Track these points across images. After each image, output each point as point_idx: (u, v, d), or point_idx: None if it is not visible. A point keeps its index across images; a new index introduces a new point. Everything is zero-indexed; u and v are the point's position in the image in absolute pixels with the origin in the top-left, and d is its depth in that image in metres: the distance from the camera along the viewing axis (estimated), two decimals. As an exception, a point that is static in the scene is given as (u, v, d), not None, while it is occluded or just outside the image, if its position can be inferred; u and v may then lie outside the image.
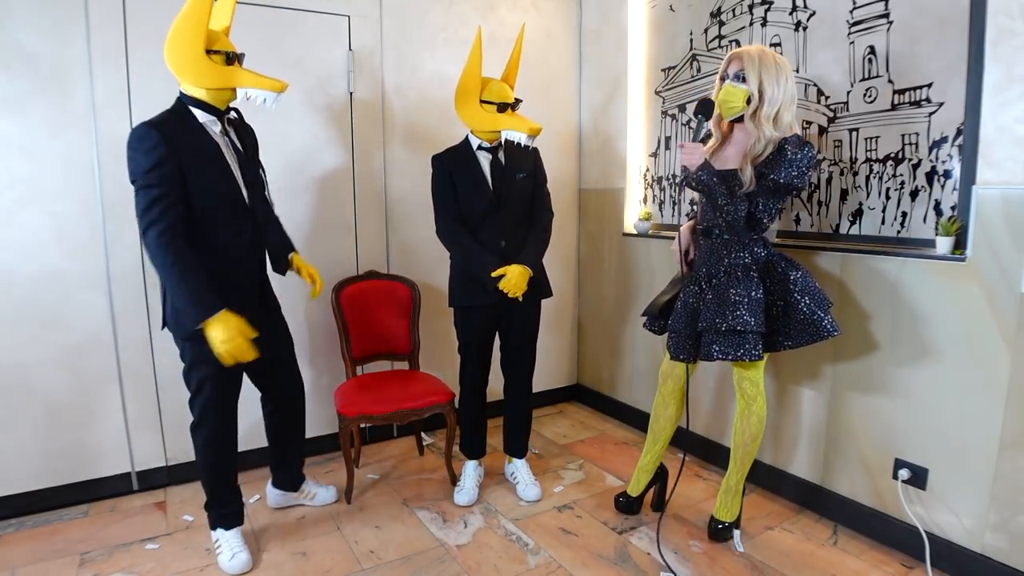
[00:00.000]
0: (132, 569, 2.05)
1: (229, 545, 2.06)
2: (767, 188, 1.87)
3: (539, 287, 2.46)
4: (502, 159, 2.39)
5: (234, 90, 1.88)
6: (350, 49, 2.79)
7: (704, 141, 2.01)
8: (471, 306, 2.41)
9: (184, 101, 1.88)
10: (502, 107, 2.33)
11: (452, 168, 2.38)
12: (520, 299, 2.32)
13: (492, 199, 2.36)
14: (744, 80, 1.89)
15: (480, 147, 2.38)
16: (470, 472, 2.56)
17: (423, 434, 3.04)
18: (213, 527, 2.10)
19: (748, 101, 1.89)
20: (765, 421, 2.12)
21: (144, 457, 2.56)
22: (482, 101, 2.32)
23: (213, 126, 1.90)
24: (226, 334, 1.79)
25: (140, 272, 2.45)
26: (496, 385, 2.58)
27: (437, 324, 3.02)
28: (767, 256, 1.97)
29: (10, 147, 2.21)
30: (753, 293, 1.90)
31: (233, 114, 2.00)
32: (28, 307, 2.28)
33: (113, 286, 2.42)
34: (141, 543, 2.20)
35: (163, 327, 1.98)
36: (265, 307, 2.14)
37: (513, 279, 2.28)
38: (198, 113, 1.87)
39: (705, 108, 1.96)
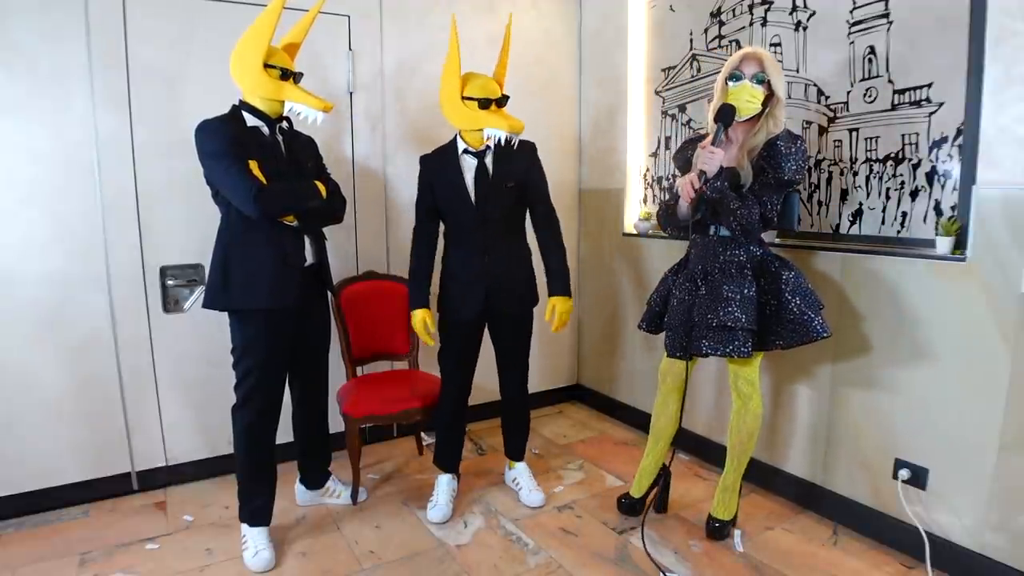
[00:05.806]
0: (132, 569, 2.05)
1: (254, 542, 2.08)
2: (770, 185, 1.89)
3: (527, 298, 2.38)
4: (489, 165, 2.21)
5: (283, 103, 2.00)
6: (350, 49, 2.79)
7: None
8: (452, 317, 2.31)
9: (239, 107, 2.01)
10: (484, 103, 2.13)
11: (434, 172, 2.25)
12: (506, 313, 2.30)
13: (474, 212, 2.20)
14: (762, 82, 1.90)
15: (466, 151, 2.21)
16: (443, 487, 2.40)
17: (423, 434, 3.03)
18: (241, 520, 2.12)
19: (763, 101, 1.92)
20: (761, 419, 2.12)
21: (144, 457, 2.56)
22: (464, 98, 2.15)
23: (262, 129, 2.02)
24: None
25: (140, 272, 2.46)
26: (495, 385, 2.57)
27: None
28: (762, 255, 1.99)
29: (11, 147, 2.22)
30: (746, 291, 1.93)
31: (284, 124, 2.10)
32: (29, 307, 2.29)
33: (113, 286, 2.42)
34: (141, 543, 2.20)
35: (210, 307, 2.02)
36: (321, 294, 2.26)
37: (560, 317, 2.30)
38: (248, 117, 2.00)
39: (727, 115, 1.89)
